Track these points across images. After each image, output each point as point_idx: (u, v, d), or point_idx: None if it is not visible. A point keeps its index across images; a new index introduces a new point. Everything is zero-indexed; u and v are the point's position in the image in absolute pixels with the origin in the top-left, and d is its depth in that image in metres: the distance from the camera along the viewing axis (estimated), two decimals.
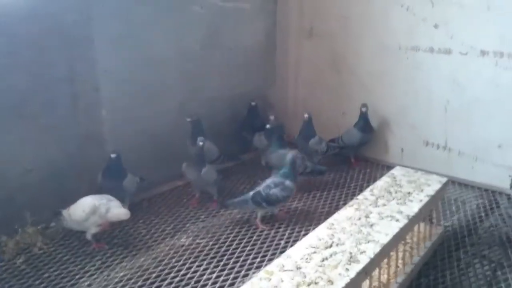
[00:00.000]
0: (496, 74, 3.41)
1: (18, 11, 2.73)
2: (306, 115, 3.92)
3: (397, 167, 3.00)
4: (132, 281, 2.50)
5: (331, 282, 1.77)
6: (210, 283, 2.47)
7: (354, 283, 1.83)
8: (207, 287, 2.44)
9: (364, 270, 1.89)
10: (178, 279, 2.51)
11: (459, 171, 3.73)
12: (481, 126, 3.57)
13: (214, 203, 3.37)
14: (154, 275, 2.54)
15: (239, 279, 2.50)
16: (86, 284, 2.48)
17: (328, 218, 2.33)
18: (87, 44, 3.08)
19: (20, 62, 2.79)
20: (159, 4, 3.47)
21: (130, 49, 3.32)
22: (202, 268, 2.61)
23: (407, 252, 2.46)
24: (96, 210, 2.70)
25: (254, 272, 2.52)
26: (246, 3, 4.20)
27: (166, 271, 2.58)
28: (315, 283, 1.77)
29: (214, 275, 2.53)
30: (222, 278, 2.51)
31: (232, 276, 2.53)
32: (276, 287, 1.75)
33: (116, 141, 3.27)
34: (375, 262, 1.99)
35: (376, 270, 2.10)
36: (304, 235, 2.57)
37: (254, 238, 2.93)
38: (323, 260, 1.92)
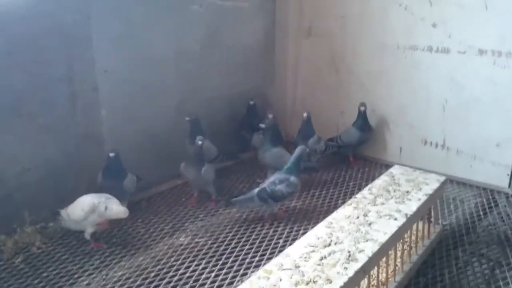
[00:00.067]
0: (494, 73, 3.42)
1: (17, 11, 2.72)
2: (305, 114, 3.92)
3: (395, 166, 3.01)
4: (131, 280, 2.50)
5: (330, 281, 1.77)
6: (209, 282, 2.47)
7: (353, 282, 1.83)
8: (206, 286, 2.45)
9: (363, 269, 1.90)
10: (177, 278, 2.51)
11: (457, 170, 3.74)
12: (479, 125, 3.58)
13: (213, 202, 3.37)
14: (153, 274, 2.54)
15: (238, 278, 2.50)
16: (85, 283, 2.48)
17: (326, 217, 2.33)
18: (86, 44, 3.07)
19: (18, 62, 2.78)
20: (158, 4, 3.46)
21: (129, 48, 3.32)
22: (201, 267, 2.61)
23: (405, 251, 2.46)
24: (95, 208, 2.70)
25: (252, 271, 2.52)
26: (245, 2, 4.20)
27: (165, 270, 2.58)
28: (314, 281, 1.77)
29: (213, 274, 2.54)
30: (221, 277, 2.51)
31: (231, 275, 2.53)
32: (275, 286, 1.75)
33: (115, 140, 3.27)
34: (373, 261, 2.00)
35: (375, 269, 2.10)
36: (303, 234, 2.58)
37: (253, 237, 2.93)
38: (321, 259, 1.92)
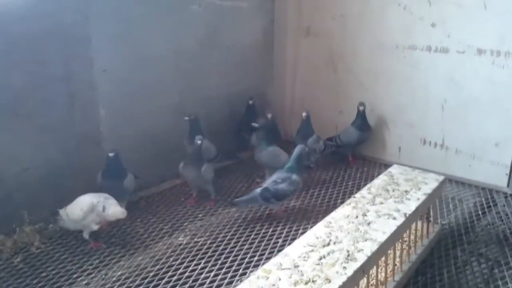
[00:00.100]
0: (493, 73, 3.42)
1: (16, 10, 2.71)
2: (304, 114, 3.92)
3: (394, 165, 3.01)
4: (130, 280, 2.50)
5: (329, 280, 1.78)
6: (208, 282, 2.47)
7: (352, 281, 1.84)
8: (205, 286, 2.44)
9: (362, 268, 1.90)
10: (176, 278, 2.51)
11: (456, 169, 3.74)
12: (478, 125, 3.59)
13: (212, 202, 3.38)
14: (152, 274, 2.54)
15: (237, 278, 2.50)
16: (84, 283, 2.48)
17: (325, 216, 2.33)
18: (85, 43, 3.07)
19: (17, 61, 2.77)
20: (157, 3, 3.46)
21: (128, 48, 3.31)
22: (200, 266, 2.61)
23: (404, 250, 2.47)
24: (94, 208, 2.70)
25: (252, 271, 2.53)
26: (244, 2, 4.20)
27: (164, 270, 2.58)
28: (313, 281, 1.77)
29: (212, 274, 2.53)
30: (220, 277, 2.51)
31: (230, 275, 2.53)
32: (274, 285, 1.75)
33: (114, 140, 3.26)
34: (372, 260, 2.00)
35: (374, 268, 2.10)
36: (302, 233, 2.59)
37: (252, 236, 2.93)
38: (320, 259, 1.92)
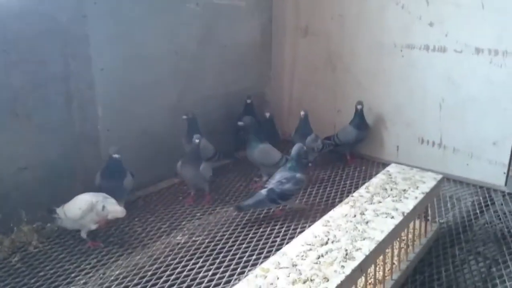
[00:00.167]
0: (490, 72, 3.43)
1: (13, 9, 2.71)
2: (302, 113, 3.92)
3: (392, 164, 3.01)
4: (127, 279, 2.49)
5: (327, 279, 1.78)
6: (206, 281, 2.47)
7: (350, 280, 1.84)
8: (203, 285, 2.44)
9: (360, 267, 1.90)
10: (174, 277, 2.51)
11: (454, 168, 3.75)
12: (476, 124, 3.59)
13: (207, 198, 3.39)
14: (150, 273, 2.54)
15: (235, 277, 2.50)
16: (82, 282, 2.48)
17: (323, 215, 2.33)
18: (82, 42, 3.06)
19: (14, 60, 2.77)
20: (155, 2, 3.46)
21: (125, 47, 3.31)
22: (198, 265, 2.61)
23: (402, 249, 2.47)
24: (93, 207, 2.70)
25: (250, 270, 2.53)
26: (242, 1, 4.20)
27: (162, 269, 2.58)
28: (311, 280, 1.77)
29: (210, 273, 2.53)
30: (218, 276, 2.51)
31: (228, 274, 2.53)
32: (272, 284, 1.75)
33: (111, 139, 3.26)
34: (370, 259, 2.00)
35: (372, 267, 2.10)
36: (300, 232, 2.58)
37: (250, 235, 2.93)
38: (318, 257, 1.92)
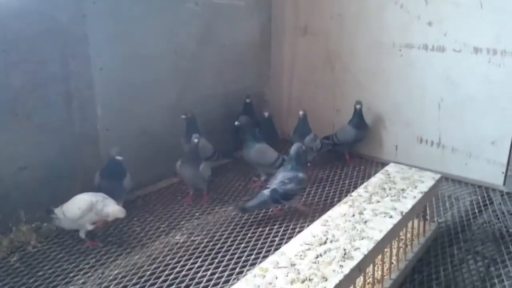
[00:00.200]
0: (489, 71, 3.43)
1: (12, 9, 2.71)
2: (301, 112, 3.92)
3: (391, 164, 3.01)
4: (126, 279, 2.49)
5: (325, 279, 1.78)
6: (204, 280, 2.47)
7: (348, 279, 1.84)
8: (202, 284, 2.44)
9: (358, 266, 1.90)
10: (172, 276, 2.51)
11: (452, 167, 3.75)
12: (474, 123, 3.59)
13: (205, 197, 3.39)
14: (148, 273, 2.54)
15: (234, 276, 2.50)
16: (80, 282, 2.48)
17: (322, 215, 2.33)
18: (82, 42, 3.06)
19: (14, 60, 2.76)
20: (154, 1, 3.46)
21: (124, 46, 3.31)
22: (196, 265, 2.61)
23: (401, 249, 2.47)
24: (92, 207, 2.70)
25: (248, 269, 2.53)
26: (241, 0, 4.19)
27: (161, 268, 2.58)
28: (309, 279, 1.77)
29: (209, 273, 2.53)
30: (216, 275, 2.51)
31: (226, 273, 2.53)
32: (271, 284, 1.75)
33: (110, 138, 3.26)
34: (369, 259, 2.00)
35: (370, 267, 2.11)
36: (299, 232, 2.59)
37: (248, 235, 2.93)
38: (317, 257, 1.92)
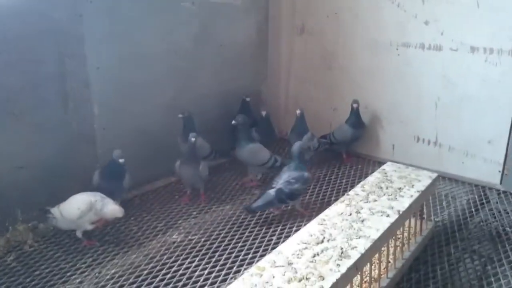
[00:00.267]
0: (486, 70, 3.44)
1: (8, 9, 2.70)
2: (298, 111, 3.92)
3: (388, 163, 3.02)
4: (123, 278, 2.49)
5: (322, 278, 1.78)
6: (202, 280, 2.47)
7: (345, 278, 1.84)
8: (199, 284, 2.44)
9: (355, 265, 1.90)
10: (170, 275, 2.51)
11: (449, 166, 3.76)
12: (471, 122, 3.60)
13: (202, 196, 3.40)
14: (145, 272, 2.54)
15: (231, 275, 2.50)
16: (77, 281, 2.47)
17: (319, 214, 2.34)
18: (78, 41, 3.05)
19: (10, 60, 2.76)
20: (151, 1, 3.45)
21: (121, 46, 3.30)
22: (194, 264, 2.61)
23: (398, 248, 2.47)
24: (92, 207, 2.69)
25: (245, 268, 2.53)
26: (238, 0, 4.20)
27: (158, 268, 2.58)
28: (307, 278, 1.78)
29: (206, 272, 2.53)
30: (214, 274, 2.51)
31: (224, 272, 2.53)
32: (268, 283, 1.75)
33: (107, 138, 3.25)
34: (366, 258, 2.00)
35: (367, 266, 2.11)
36: (296, 231, 2.59)
37: (246, 234, 2.93)
38: (314, 256, 1.93)
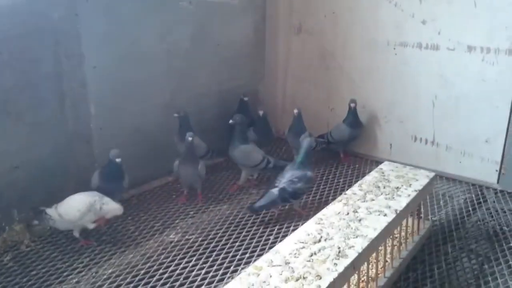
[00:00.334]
0: (483, 70, 3.44)
1: (4, 8, 2.68)
2: (295, 111, 3.91)
3: (385, 162, 3.01)
4: (120, 278, 2.49)
5: (320, 277, 1.78)
6: (199, 279, 2.47)
7: (343, 277, 1.84)
8: (196, 283, 2.44)
9: (353, 264, 1.90)
10: (167, 275, 2.50)
11: (446, 165, 3.76)
12: (468, 121, 3.60)
13: (199, 196, 3.40)
14: (142, 272, 2.53)
15: (228, 275, 2.50)
16: (74, 281, 2.47)
17: (316, 213, 2.33)
18: (74, 41, 3.04)
19: (6, 59, 2.74)
20: (147, 0, 3.44)
21: (118, 45, 3.29)
22: (191, 264, 2.60)
23: (395, 247, 2.48)
24: (91, 207, 2.69)
25: (243, 268, 2.52)
26: None
27: (155, 267, 2.57)
28: (304, 278, 1.77)
29: (203, 271, 2.53)
30: (211, 274, 2.51)
31: (221, 272, 2.53)
32: (265, 282, 1.75)
33: (104, 137, 3.25)
34: (363, 257, 2.00)
35: (365, 265, 2.11)
36: (293, 230, 2.59)
37: (243, 234, 2.93)
38: (311, 255, 1.92)
